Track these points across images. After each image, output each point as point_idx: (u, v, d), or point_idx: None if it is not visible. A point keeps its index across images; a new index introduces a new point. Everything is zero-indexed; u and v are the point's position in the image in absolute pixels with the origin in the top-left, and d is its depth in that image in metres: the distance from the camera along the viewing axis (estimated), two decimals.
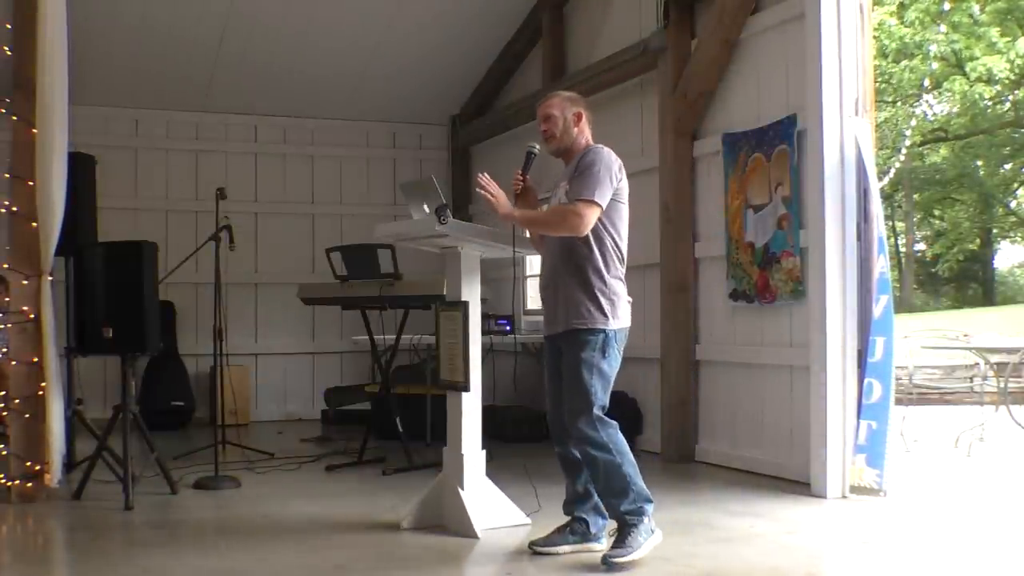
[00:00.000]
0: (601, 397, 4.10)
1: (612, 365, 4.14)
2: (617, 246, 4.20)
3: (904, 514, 4.97)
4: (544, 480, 5.93)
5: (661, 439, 6.78)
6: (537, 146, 4.39)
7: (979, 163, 25.65)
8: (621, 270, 4.22)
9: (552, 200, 4.37)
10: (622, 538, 4.03)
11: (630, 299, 4.27)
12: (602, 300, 4.12)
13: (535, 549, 4.24)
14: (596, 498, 4.25)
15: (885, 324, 5.28)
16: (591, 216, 4.08)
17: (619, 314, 4.17)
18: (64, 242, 5.55)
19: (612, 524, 4.19)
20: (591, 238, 4.13)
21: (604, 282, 4.14)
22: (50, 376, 5.40)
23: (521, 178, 4.37)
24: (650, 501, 4.10)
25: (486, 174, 4.28)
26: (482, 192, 4.24)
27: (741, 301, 6.24)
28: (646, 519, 4.06)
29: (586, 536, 4.27)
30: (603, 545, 4.23)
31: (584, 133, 4.34)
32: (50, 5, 5.35)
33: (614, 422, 4.12)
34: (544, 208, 4.40)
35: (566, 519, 4.34)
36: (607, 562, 3.99)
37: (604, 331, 4.11)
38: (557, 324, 4.21)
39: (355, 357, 9.58)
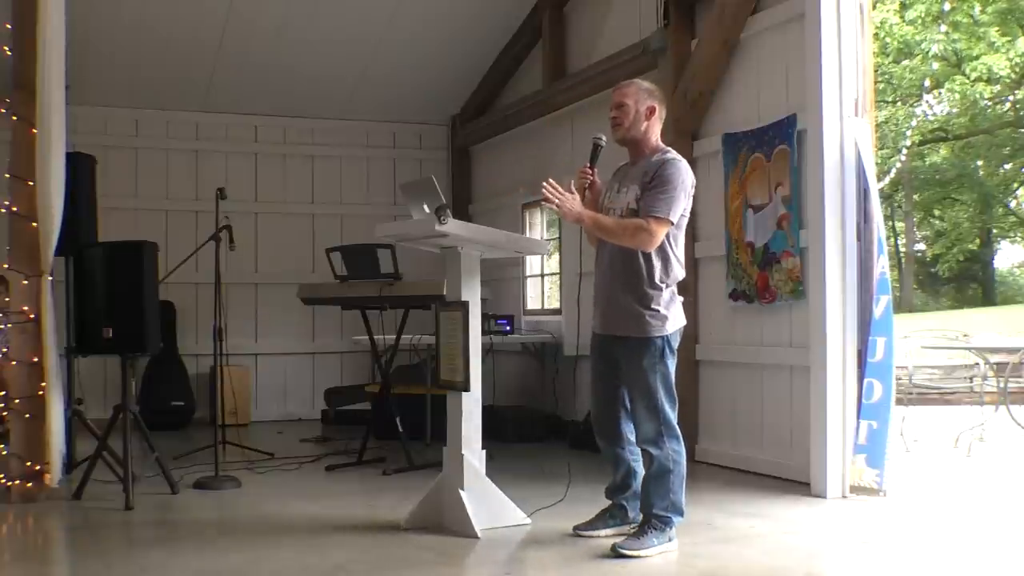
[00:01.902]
0: (670, 404, 4.25)
1: (672, 367, 4.28)
2: (676, 253, 4.29)
3: (904, 514, 4.97)
4: (543, 480, 5.94)
5: None
6: (604, 137, 4.38)
7: (979, 163, 25.65)
8: (677, 277, 4.30)
9: (620, 198, 4.34)
10: (640, 534, 4.22)
11: (681, 297, 4.37)
12: (658, 309, 4.23)
13: (579, 533, 4.46)
14: (635, 487, 4.45)
15: (885, 324, 5.28)
16: (662, 235, 4.17)
17: (675, 318, 4.29)
18: (64, 242, 5.55)
19: None
20: (653, 251, 4.21)
21: (660, 292, 4.24)
22: (50, 376, 5.40)
23: (589, 171, 4.37)
24: (680, 514, 4.29)
25: (551, 180, 4.23)
26: (547, 200, 4.18)
27: (741, 301, 6.24)
28: (669, 529, 4.24)
29: (625, 520, 4.48)
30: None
31: (653, 129, 4.35)
32: (50, 5, 5.35)
33: (680, 434, 4.28)
34: (612, 208, 4.35)
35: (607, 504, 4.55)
36: (616, 550, 4.13)
37: (663, 338, 4.24)
38: (610, 326, 4.35)
39: (355, 357, 9.58)
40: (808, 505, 5.18)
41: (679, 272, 4.32)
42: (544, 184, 4.21)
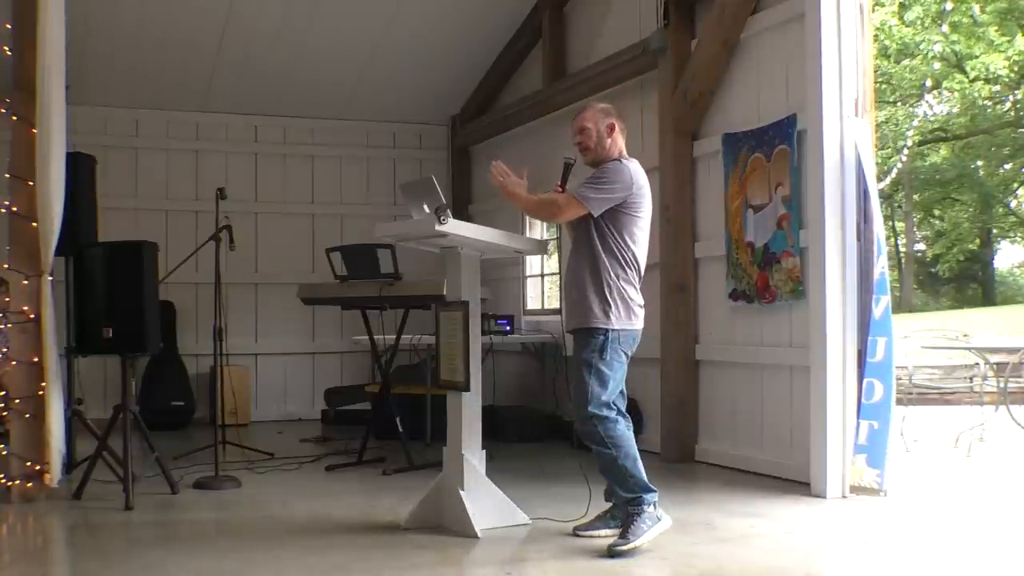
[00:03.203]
0: (598, 393, 4.28)
1: (611, 365, 4.32)
2: (624, 253, 4.37)
3: (904, 514, 4.97)
4: (543, 481, 5.94)
5: (661, 439, 6.78)
6: (574, 157, 4.60)
7: (979, 163, 25.65)
8: (631, 276, 4.40)
9: None
10: (625, 528, 4.25)
11: (642, 303, 4.44)
12: (603, 302, 4.32)
13: (578, 533, 4.51)
14: None
15: (885, 324, 5.28)
16: (569, 211, 4.37)
17: (622, 315, 4.34)
18: (64, 242, 5.54)
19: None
20: (599, 244, 4.37)
21: (609, 285, 4.33)
22: (50, 376, 5.40)
23: (560, 189, 4.54)
24: (650, 490, 4.31)
25: (499, 162, 4.55)
26: (493, 177, 4.47)
27: (741, 301, 6.24)
28: (648, 508, 4.28)
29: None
30: None
31: (617, 143, 4.55)
32: (50, 5, 5.35)
33: (612, 415, 4.32)
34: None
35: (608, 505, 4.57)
36: (612, 551, 4.15)
37: (604, 332, 4.31)
38: (568, 320, 4.48)
39: (355, 357, 9.58)
40: (808, 505, 5.18)
41: (631, 273, 4.39)
42: (493, 163, 4.51)
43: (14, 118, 5.43)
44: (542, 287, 9.02)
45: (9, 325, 5.47)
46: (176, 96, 9.12)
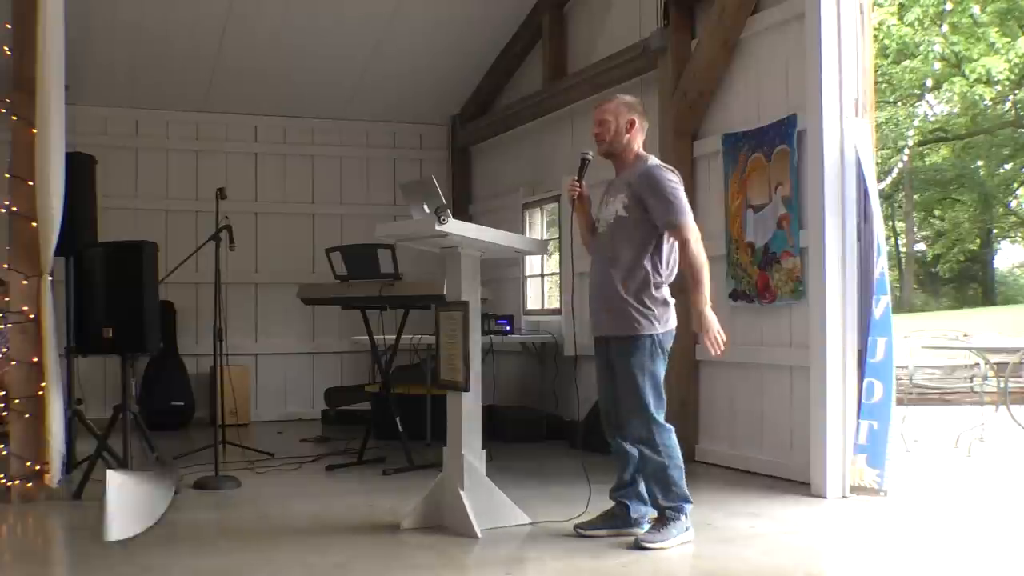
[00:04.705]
0: (656, 400, 4.35)
1: (660, 368, 4.38)
2: (669, 259, 4.43)
3: (904, 514, 4.97)
4: (543, 480, 5.94)
5: None
6: (591, 152, 4.56)
7: (979, 163, 25.66)
8: (670, 278, 4.44)
9: (606, 210, 4.51)
10: (658, 527, 4.35)
11: (674, 300, 4.47)
12: (651, 308, 4.34)
13: (580, 532, 4.50)
14: (640, 487, 4.52)
15: (885, 324, 5.28)
16: (693, 228, 4.35)
17: (666, 318, 4.39)
18: (64, 242, 5.54)
19: (653, 513, 4.48)
20: (651, 250, 4.37)
21: (652, 290, 4.36)
22: (50, 376, 5.40)
23: (578, 184, 4.55)
24: (688, 502, 4.40)
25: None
26: (713, 344, 4.29)
27: (741, 301, 6.24)
28: (683, 517, 4.36)
29: (627, 521, 4.53)
30: (642, 530, 4.45)
31: (635, 140, 4.53)
32: (50, 5, 5.35)
33: (669, 426, 4.39)
34: (599, 219, 4.56)
35: (610, 504, 4.60)
36: (639, 544, 4.25)
37: (652, 337, 4.34)
38: (603, 327, 4.46)
39: (355, 357, 9.58)
40: (808, 505, 5.18)
41: (672, 272, 4.44)
42: (707, 336, 4.29)
43: (14, 118, 5.43)
44: (542, 287, 9.02)
45: (9, 325, 5.47)
46: (176, 96, 9.12)
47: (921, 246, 30.68)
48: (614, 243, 4.42)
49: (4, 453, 5.41)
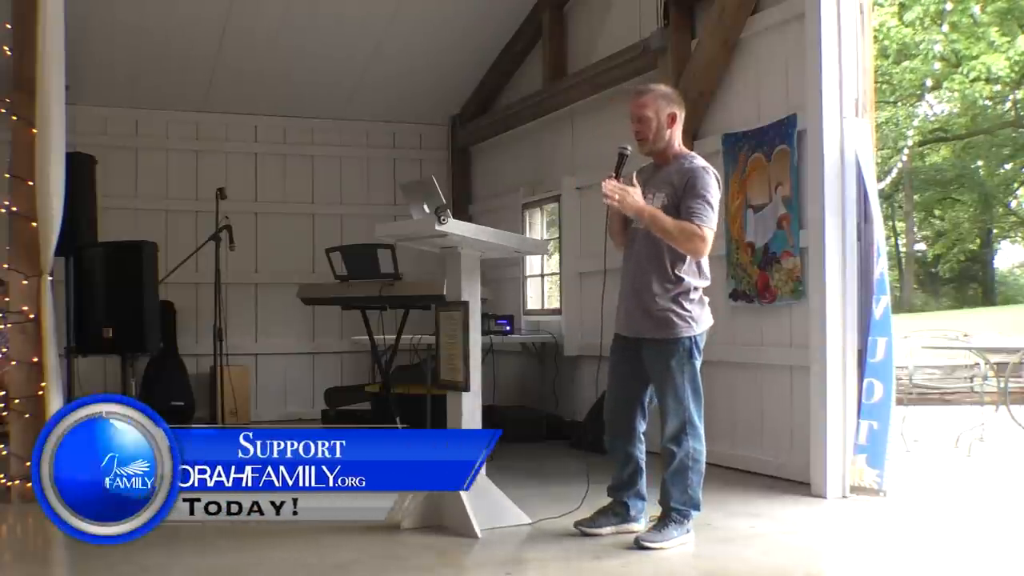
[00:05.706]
0: (696, 404, 4.39)
1: (698, 365, 4.40)
2: (705, 262, 4.38)
3: (904, 514, 4.97)
4: (543, 480, 5.94)
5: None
6: (629, 147, 4.36)
7: (979, 163, 25.65)
8: (705, 280, 4.41)
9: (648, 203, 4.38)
10: (659, 527, 4.31)
11: (707, 299, 4.46)
12: (689, 310, 4.31)
13: (580, 529, 4.50)
14: (640, 485, 4.54)
15: (885, 324, 5.28)
16: (709, 246, 4.25)
17: (703, 318, 4.39)
18: (64, 242, 5.54)
19: (652, 511, 4.50)
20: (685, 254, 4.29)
21: (688, 294, 4.32)
22: (50, 376, 5.39)
23: (615, 179, 4.35)
24: (698, 509, 4.41)
25: (612, 179, 4.23)
26: (607, 196, 4.18)
27: (741, 301, 6.24)
28: (687, 521, 4.36)
29: (625, 518, 4.54)
30: (641, 526, 4.50)
31: (676, 135, 4.39)
32: (50, 5, 5.35)
33: (702, 432, 4.43)
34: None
35: (608, 501, 4.60)
36: (639, 544, 4.24)
37: (690, 338, 4.33)
38: (637, 328, 4.39)
39: (355, 357, 9.57)
40: (808, 505, 5.18)
41: (707, 275, 4.41)
42: (605, 182, 4.19)
43: (14, 118, 5.43)
44: (542, 287, 9.02)
45: (9, 325, 5.47)
46: (176, 96, 9.10)
47: (921, 246, 30.65)
48: (653, 242, 4.28)
49: (4, 453, 5.41)
